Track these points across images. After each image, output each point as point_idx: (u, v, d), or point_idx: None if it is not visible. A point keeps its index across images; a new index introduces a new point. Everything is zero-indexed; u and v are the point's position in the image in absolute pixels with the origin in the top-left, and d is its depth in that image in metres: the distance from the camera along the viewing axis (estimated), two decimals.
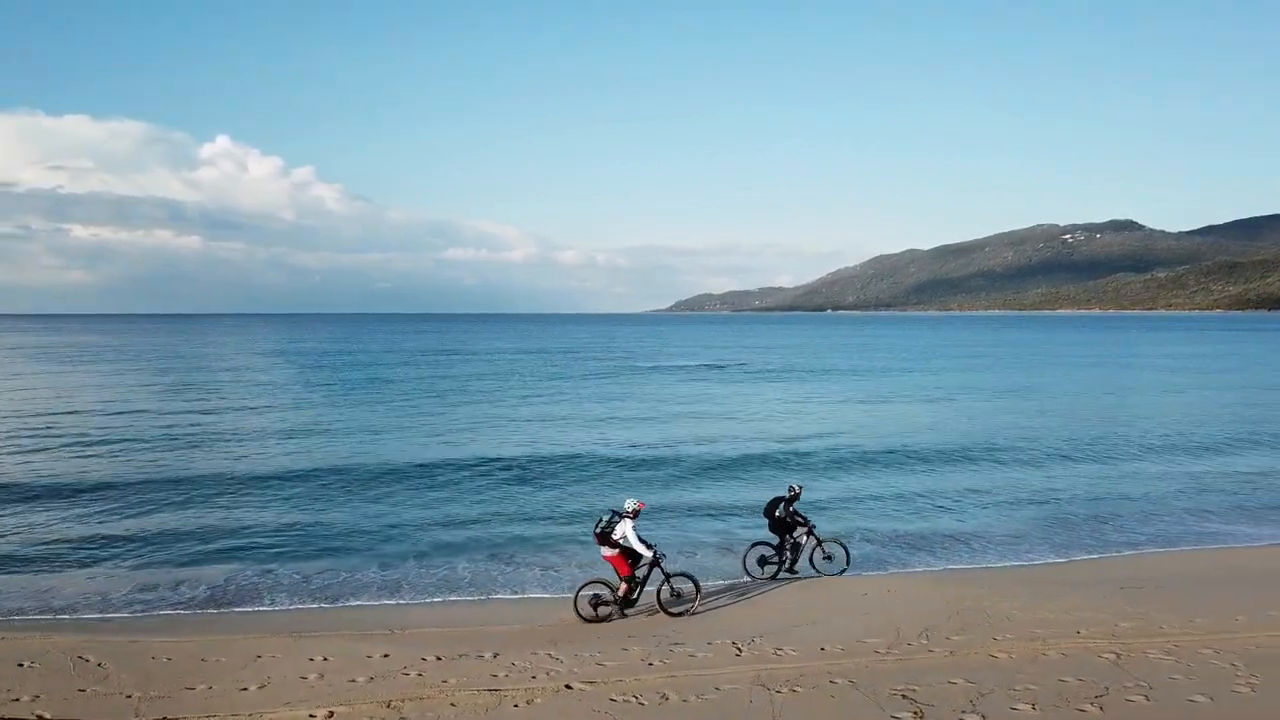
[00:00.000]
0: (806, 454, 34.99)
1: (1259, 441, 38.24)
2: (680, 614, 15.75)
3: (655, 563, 15.78)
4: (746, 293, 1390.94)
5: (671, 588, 16.20)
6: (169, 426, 41.44)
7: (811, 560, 18.84)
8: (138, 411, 47.42)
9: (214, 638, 14.48)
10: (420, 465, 31.97)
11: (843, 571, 18.76)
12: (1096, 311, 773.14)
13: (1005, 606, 15.36)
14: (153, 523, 23.70)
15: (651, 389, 64.30)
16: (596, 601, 15.74)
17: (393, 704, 11.19)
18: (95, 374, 75.58)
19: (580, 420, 45.49)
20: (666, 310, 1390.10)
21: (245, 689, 11.86)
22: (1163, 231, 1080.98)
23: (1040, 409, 50.22)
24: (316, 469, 31.15)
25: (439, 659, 13.04)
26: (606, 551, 15.80)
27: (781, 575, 18.55)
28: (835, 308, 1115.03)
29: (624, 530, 15.56)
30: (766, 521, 18.70)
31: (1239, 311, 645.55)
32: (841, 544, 19.39)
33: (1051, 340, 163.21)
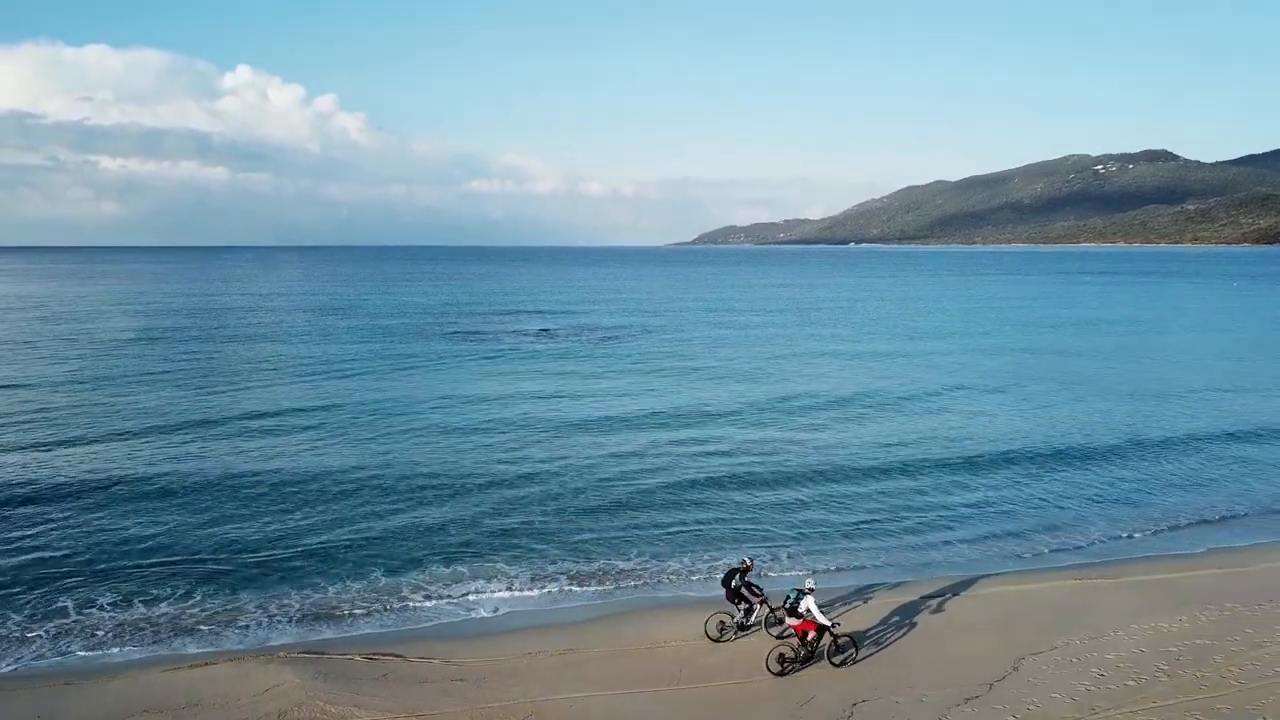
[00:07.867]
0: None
1: None
2: (841, 664, 20.59)
3: (828, 628, 20.47)
4: (771, 225, 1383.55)
5: (837, 645, 20.87)
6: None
7: (765, 625, 22.12)
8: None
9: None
10: None
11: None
12: (1122, 245, 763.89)
13: None
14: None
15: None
16: (783, 659, 20.45)
17: None
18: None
19: None
20: (689, 244, 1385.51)
21: None
22: (1198, 162, 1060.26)
23: None
24: None
25: None
26: (793, 621, 20.50)
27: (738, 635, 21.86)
28: (859, 241, 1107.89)
29: (808, 605, 20.19)
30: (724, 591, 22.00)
31: (1267, 246, 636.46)
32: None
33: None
